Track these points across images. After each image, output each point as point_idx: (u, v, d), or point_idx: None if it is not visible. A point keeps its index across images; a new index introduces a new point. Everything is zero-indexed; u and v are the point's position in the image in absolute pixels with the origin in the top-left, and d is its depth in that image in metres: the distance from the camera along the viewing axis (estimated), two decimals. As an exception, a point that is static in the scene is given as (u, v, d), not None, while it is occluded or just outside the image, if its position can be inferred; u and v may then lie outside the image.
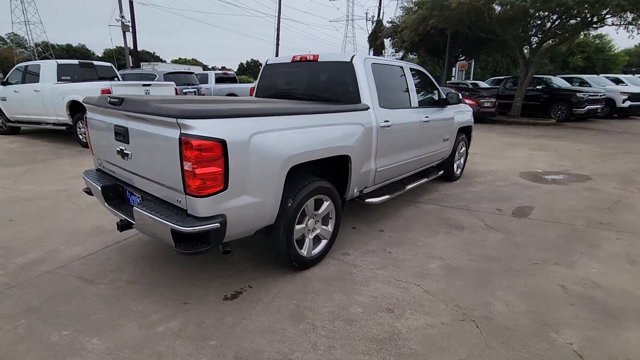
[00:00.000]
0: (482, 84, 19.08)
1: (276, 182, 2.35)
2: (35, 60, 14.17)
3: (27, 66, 8.53)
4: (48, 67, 7.96)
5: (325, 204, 2.89)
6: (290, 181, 2.58)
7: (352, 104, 3.21)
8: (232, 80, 14.95)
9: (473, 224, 3.85)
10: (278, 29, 27.21)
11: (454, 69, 26.46)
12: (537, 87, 14.24)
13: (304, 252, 2.79)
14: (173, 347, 2.02)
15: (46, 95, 7.77)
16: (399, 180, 4.22)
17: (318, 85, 3.73)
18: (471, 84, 18.79)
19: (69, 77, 8.07)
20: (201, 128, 1.96)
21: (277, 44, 27.58)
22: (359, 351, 2.01)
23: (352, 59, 3.34)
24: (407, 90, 3.95)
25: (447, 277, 2.77)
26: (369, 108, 3.24)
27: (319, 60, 3.59)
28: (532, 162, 6.89)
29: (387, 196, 3.77)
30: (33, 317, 2.27)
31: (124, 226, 2.50)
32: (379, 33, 23.48)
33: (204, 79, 14.13)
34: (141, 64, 29.81)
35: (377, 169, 3.45)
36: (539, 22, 13.34)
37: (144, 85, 7.79)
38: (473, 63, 28.95)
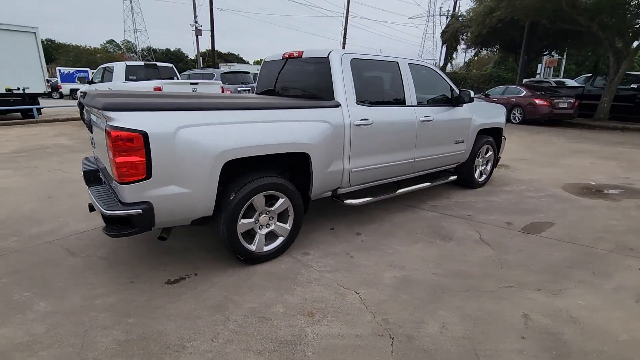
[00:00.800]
0: (570, 82, 16.78)
1: (208, 175, 2.41)
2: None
3: (106, 67, 9.91)
4: (119, 68, 9.14)
5: (281, 201, 2.87)
6: (232, 175, 2.64)
7: (316, 101, 3.12)
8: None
9: (466, 235, 3.46)
10: (345, 28, 27.27)
11: (540, 65, 23.78)
12: (632, 85, 12.06)
13: (252, 247, 2.82)
14: (96, 319, 2.22)
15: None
16: (395, 182, 3.99)
17: (302, 81, 3.70)
18: (555, 82, 16.68)
19: (135, 77, 9.16)
20: (122, 120, 2.11)
21: (344, 43, 27.65)
22: (253, 349, 1.98)
23: (328, 55, 3.25)
24: (402, 87, 3.70)
25: (395, 289, 2.56)
26: (339, 105, 3.13)
27: (303, 56, 3.56)
28: (590, 172, 5.90)
29: (369, 198, 3.60)
30: (12, 278, 2.67)
31: (91, 208, 2.80)
32: (447, 29, 22.08)
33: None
34: (220, 65, 32.42)
35: (353, 170, 3.30)
36: (638, 9, 11.27)
37: (191, 83, 8.50)
38: (564, 59, 25.64)
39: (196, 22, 19.14)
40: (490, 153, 5.02)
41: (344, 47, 28.03)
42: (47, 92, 12.64)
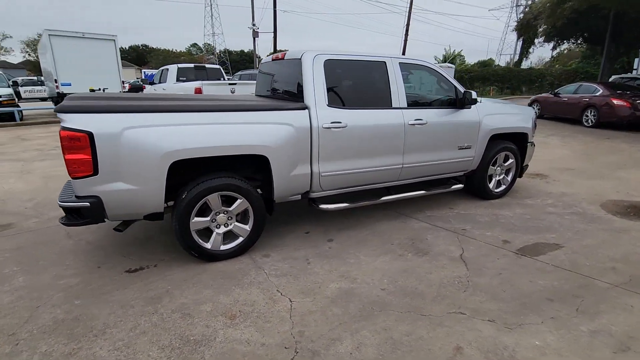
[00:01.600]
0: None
1: (155, 174, 2.55)
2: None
3: (163, 69, 10.90)
4: (172, 70, 10.00)
5: (238, 202, 2.92)
6: (184, 174, 2.75)
7: (279, 103, 3.09)
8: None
9: (445, 251, 3.16)
10: (407, 24, 26.30)
11: (637, 60, 20.46)
12: None
13: (208, 245, 2.91)
14: (51, 298, 2.50)
15: (167, 92, 9.79)
16: (385, 188, 3.80)
17: (284, 83, 3.69)
18: (651, 79, 14.19)
19: (185, 78, 9.94)
20: (70, 121, 2.33)
21: (405, 40, 26.70)
22: (159, 344, 2.06)
23: (301, 56, 3.20)
24: (388, 89, 3.49)
25: (331, 301, 2.45)
26: (306, 108, 3.06)
27: (285, 58, 3.55)
28: (650, 188, 4.96)
29: (346, 205, 3.48)
30: (14, 253, 3.12)
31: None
32: (521, 20, 20.05)
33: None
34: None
35: (323, 174, 3.22)
36: None
37: (230, 84, 8.96)
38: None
39: (254, 24, 20.09)
40: (510, 161, 4.48)
41: (405, 44, 27.12)
42: (122, 92, 14.31)
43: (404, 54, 27.67)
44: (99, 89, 13.40)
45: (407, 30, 26.71)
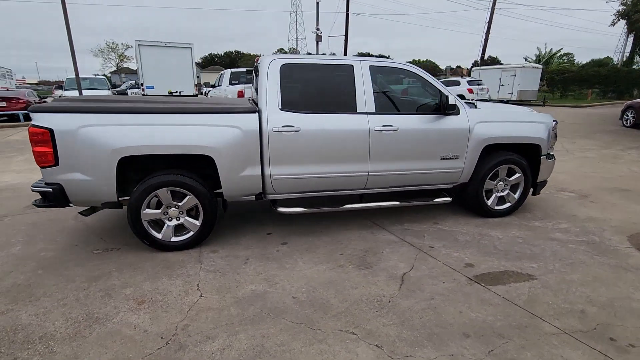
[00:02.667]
0: None
1: (106, 168, 2.88)
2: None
3: (221, 73, 11.88)
4: (226, 74, 10.84)
5: (187, 198, 3.13)
6: (137, 170, 3.05)
7: (229, 106, 3.19)
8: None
9: (392, 267, 2.94)
10: (490, 21, 24.23)
11: None
12: None
13: (159, 235, 3.17)
14: (26, 266, 2.99)
15: (220, 94, 10.65)
16: (359, 195, 3.69)
17: (255, 87, 3.79)
18: None
19: (237, 82, 10.70)
20: (36, 119, 2.77)
21: (486, 39, 24.63)
22: (69, 316, 2.34)
23: (259, 61, 3.28)
24: (354, 93, 3.36)
25: (236, 302, 2.49)
26: (255, 111, 3.13)
27: (257, 62, 3.66)
28: None
29: (302, 209, 3.46)
30: (27, 227, 3.78)
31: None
32: (634, 15, 16.96)
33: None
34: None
35: (275, 177, 3.25)
36: None
37: None
38: None
39: (317, 28, 20.55)
40: (517, 176, 3.92)
41: (485, 43, 25.02)
42: (195, 94, 15.94)
43: (483, 53, 25.61)
44: (176, 92, 15.14)
45: (488, 28, 24.67)
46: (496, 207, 3.98)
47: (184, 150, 3.00)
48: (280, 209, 3.44)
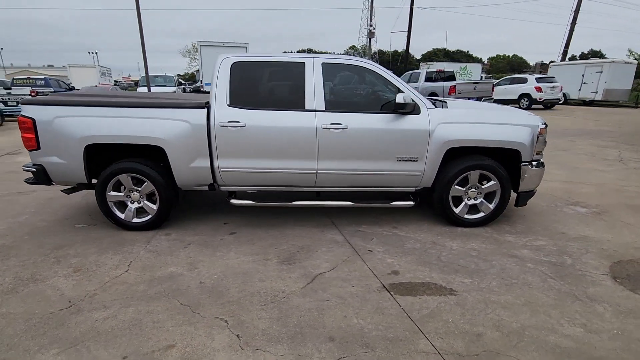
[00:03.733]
0: None
1: (76, 153, 3.33)
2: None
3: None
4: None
5: (145, 184, 3.47)
6: (105, 156, 3.47)
7: (181, 101, 3.42)
8: (449, 78, 14.06)
9: (313, 266, 2.93)
10: (577, 10, 21.39)
11: None
12: None
13: (122, 216, 3.57)
14: (21, 233, 3.61)
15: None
16: (316, 192, 3.73)
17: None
18: None
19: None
20: (24, 110, 3.32)
21: (571, 30, 21.80)
22: (16, 275, 2.80)
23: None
24: (302, 90, 3.37)
25: (149, 281, 2.72)
26: (204, 107, 3.33)
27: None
28: None
29: (251, 202, 3.60)
30: (44, 201, 4.51)
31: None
32: None
33: (415, 78, 14.35)
34: (422, 64, 32.24)
35: (222, 169, 3.44)
36: None
37: None
38: None
39: (370, 24, 20.10)
40: (491, 183, 3.55)
41: (570, 35, 22.20)
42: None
43: (567, 46, 22.71)
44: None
45: (574, 18, 21.84)
46: (467, 216, 3.66)
47: (139, 140, 3.33)
48: (233, 201, 3.61)
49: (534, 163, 3.55)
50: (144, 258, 3.07)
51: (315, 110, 3.37)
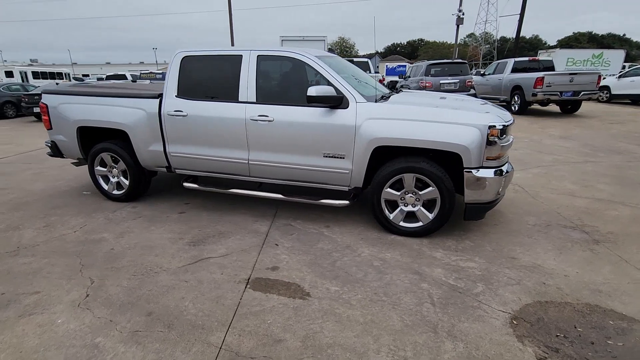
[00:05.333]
0: None
1: (72, 133, 4.13)
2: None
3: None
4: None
5: (119, 162, 4.11)
6: (93, 138, 4.21)
7: (141, 92, 3.87)
8: (547, 69, 11.95)
9: (210, 250, 3.10)
10: None
11: None
12: None
13: (106, 187, 4.29)
14: (34, 197, 4.66)
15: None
16: (258, 182, 3.87)
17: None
18: None
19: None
20: (43, 98, 4.24)
21: None
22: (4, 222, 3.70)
23: (175, 53, 3.83)
24: (237, 82, 3.49)
25: (78, 241, 3.28)
26: (157, 97, 3.74)
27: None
28: None
29: (195, 186, 3.92)
30: (80, 170, 5.65)
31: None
32: None
33: (500, 68, 12.65)
34: (540, 52, 27.90)
35: (171, 154, 3.82)
36: None
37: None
38: None
39: (460, 10, 17.94)
40: (429, 190, 3.12)
41: None
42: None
43: None
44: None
45: None
46: (402, 224, 3.30)
47: (109, 125, 3.94)
48: (185, 184, 3.98)
49: (483, 170, 2.98)
50: (97, 224, 3.67)
51: (246, 102, 3.47)
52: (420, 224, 3.26)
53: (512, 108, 11.78)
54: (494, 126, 2.92)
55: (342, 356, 1.93)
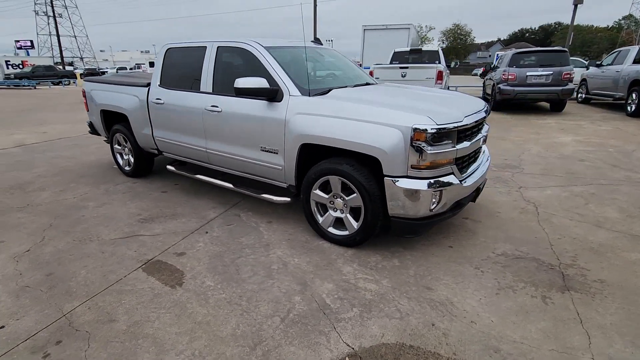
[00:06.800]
0: None
1: (98, 115, 4.89)
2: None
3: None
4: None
5: (128, 142, 4.72)
6: (112, 120, 4.92)
7: (133, 81, 4.30)
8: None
9: (147, 229, 3.36)
10: None
11: None
12: None
13: (121, 163, 4.98)
14: (70, 163, 5.65)
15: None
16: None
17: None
18: None
19: (397, 62, 10.52)
20: (83, 84, 5.10)
21: None
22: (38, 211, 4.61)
23: (165, 47, 4.16)
24: (200, 73, 3.63)
25: (46, 209, 3.92)
26: (146, 86, 4.14)
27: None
28: None
29: (173, 168, 4.25)
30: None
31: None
32: None
33: (621, 58, 10.12)
34: None
35: (156, 137, 4.22)
36: None
37: (400, 68, 8.77)
38: None
39: None
40: (353, 196, 2.78)
41: None
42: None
43: None
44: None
45: None
46: (331, 230, 3.03)
47: (116, 109, 4.54)
48: (168, 166, 4.36)
49: (407, 180, 2.52)
50: (95, 194, 4.31)
51: (205, 93, 3.59)
52: (345, 233, 2.95)
53: (628, 109, 9.37)
54: (420, 129, 2.43)
55: (145, 348, 1.94)
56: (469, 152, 2.81)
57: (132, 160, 4.77)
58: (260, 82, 3.00)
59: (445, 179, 2.58)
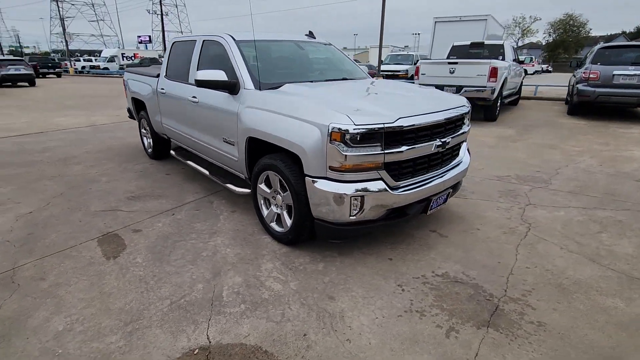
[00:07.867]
0: None
1: (131, 102, 5.53)
2: None
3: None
4: (449, 48, 9.97)
5: (149, 128, 5.26)
6: (141, 107, 5.51)
7: (149, 72, 4.71)
8: None
9: (127, 206, 3.73)
10: None
11: None
12: None
13: (146, 145, 5.56)
14: (90, 147, 6.42)
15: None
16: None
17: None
18: None
19: (455, 56, 9.70)
20: (125, 75, 5.78)
21: None
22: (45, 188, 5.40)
23: (173, 40, 4.51)
24: (189, 65, 3.86)
25: (75, 178, 4.53)
26: (156, 76, 4.55)
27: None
28: None
29: (173, 153, 4.61)
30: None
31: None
32: None
33: None
34: None
35: (163, 123, 4.62)
36: None
37: (449, 63, 8.05)
38: None
39: None
40: (286, 193, 2.72)
41: None
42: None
43: None
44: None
45: None
46: (273, 225, 3.01)
47: (137, 96, 5.08)
48: (171, 151, 4.75)
49: (324, 182, 2.38)
50: (114, 171, 4.89)
51: (191, 84, 3.82)
52: (282, 230, 2.91)
53: None
54: (337, 128, 2.27)
55: (46, 307, 2.19)
56: (412, 157, 2.53)
57: (152, 143, 5.30)
58: (218, 75, 3.08)
59: (369, 185, 2.37)
